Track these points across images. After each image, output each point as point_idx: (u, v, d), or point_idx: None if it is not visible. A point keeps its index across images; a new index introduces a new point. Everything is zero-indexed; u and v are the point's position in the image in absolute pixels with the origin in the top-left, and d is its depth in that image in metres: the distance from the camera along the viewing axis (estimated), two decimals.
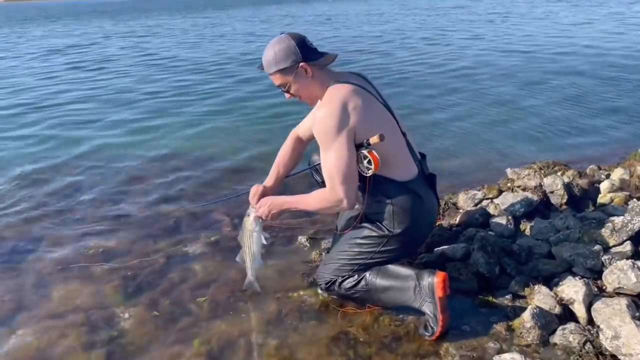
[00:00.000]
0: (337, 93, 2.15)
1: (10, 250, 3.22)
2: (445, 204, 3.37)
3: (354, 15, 25.53)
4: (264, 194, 2.53)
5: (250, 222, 2.42)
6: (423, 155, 2.49)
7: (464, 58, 10.25)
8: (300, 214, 3.48)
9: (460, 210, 3.26)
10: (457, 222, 3.10)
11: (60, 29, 25.16)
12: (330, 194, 2.17)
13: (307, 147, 2.74)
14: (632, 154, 4.10)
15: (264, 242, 2.48)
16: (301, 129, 2.66)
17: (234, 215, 3.53)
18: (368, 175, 2.18)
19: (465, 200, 3.31)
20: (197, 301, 2.61)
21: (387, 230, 2.28)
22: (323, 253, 2.94)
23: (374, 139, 2.10)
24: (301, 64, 2.16)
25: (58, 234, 3.40)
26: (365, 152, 2.13)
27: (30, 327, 2.47)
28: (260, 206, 2.39)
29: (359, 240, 2.36)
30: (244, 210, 2.53)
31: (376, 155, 2.12)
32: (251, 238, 2.43)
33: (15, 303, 2.66)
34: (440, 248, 2.76)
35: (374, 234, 2.31)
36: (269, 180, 2.65)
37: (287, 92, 2.26)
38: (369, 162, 2.14)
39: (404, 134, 2.36)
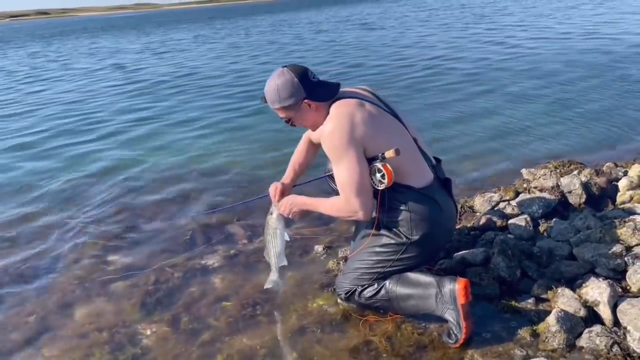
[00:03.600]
0: (342, 108, 2.18)
1: (31, 268, 3.25)
2: (461, 207, 3.34)
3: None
4: (283, 191, 2.58)
5: (273, 219, 2.45)
6: (438, 160, 2.48)
7: (475, 59, 10.21)
8: (316, 223, 3.49)
9: (477, 214, 3.23)
10: (474, 225, 3.08)
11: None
12: (345, 205, 2.20)
13: (319, 148, 2.74)
14: None
15: (287, 238, 2.50)
16: (313, 135, 2.67)
17: (248, 227, 3.55)
18: (380, 188, 2.18)
19: (481, 204, 3.28)
20: (222, 307, 2.65)
21: (406, 237, 2.27)
22: (340, 262, 2.93)
23: (389, 153, 2.11)
24: (305, 100, 2.22)
25: (77, 250, 3.43)
26: (379, 165, 2.14)
27: (55, 347, 2.49)
28: (282, 204, 2.43)
29: (377, 249, 2.35)
30: (265, 212, 2.58)
31: (390, 169, 2.12)
32: (275, 235, 2.46)
33: (40, 323, 2.68)
34: (460, 253, 2.74)
35: (392, 241, 2.30)
36: (286, 178, 2.69)
37: (291, 124, 2.34)
38: (383, 175, 2.14)
39: (415, 140, 2.35)
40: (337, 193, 2.82)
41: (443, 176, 2.43)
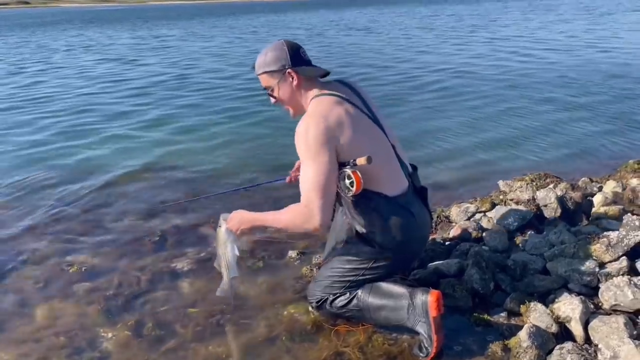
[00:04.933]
0: (319, 106, 2.13)
1: None
2: (437, 217, 3.32)
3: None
4: None
5: (222, 233, 2.36)
6: (414, 167, 2.44)
7: (454, 70, 10.29)
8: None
9: (453, 224, 3.21)
10: (450, 236, 3.05)
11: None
12: (305, 209, 2.04)
13: None
14: (623, 165, 4.09)
15: (237, 253, 2.37)
16: None
17: None
18: (348, 196, 2.11)
19: (458, 214, 3.26)
20: (188, 313, 2.56)
21: (378, 246, 2.22)
22: (314, 269, 2.87)
23: (361, 160, 2.03)
24: (288, 70, 2.18)
25: (39, 250, 3.29)
26: (349, 171, 2.06)
27: (9, 351, 2.35)
28: (231, 219, 2.30)
29: (349, 257, 2.30)
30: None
31: (360, 176, 2.05)
32: (225, 247, 2.37)
33: None
34: (434, 263, 2.71)
35: (365, 249, 2.25)
36: None
37: (272, 95, 2.26)
38: (352, 183, 2.06)
39: (393, 146, 2.31)
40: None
41: (419, 184, 2.39)
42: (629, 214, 2.73)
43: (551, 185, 3.56)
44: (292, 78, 2.19)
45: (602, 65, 9.82)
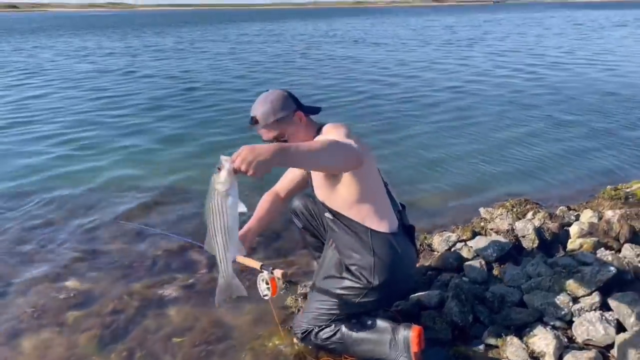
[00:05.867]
0: (340, 126, 2.22)
1: None
2: (420, 245, 3.41)
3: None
4: (246, 239, 2.47)
5: (223, 179, 1.55)
6: (403, 206, 2.53)
7: (434, 92, 10.45)
8: (276, 254, 3.51)
9: (435, 253, 3.30)
10: (432, 265, 3.15)
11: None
12: (345, 139, 2.07)
13: (285, 205, 2.77)
14: (601, 192, 4.22)
15: (244, 209, 1.64)
16: (280, 185, 2.71)
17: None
18: (265, 299, 2.49)
19: (439, 243, 3.36)
20: (174, 342, 2.62)
21: (367, 281, 2.29)
22: (299, 299, 2.94)
23: (278, 273, 2.35)
24: (297, 112, 2.23)
25: (29, 276, 3.32)
26: (267, 276, 2.38)
27: None
28: (239, 154, 1.61)
29: (338, 291, 2.36)
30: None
31: (277, 284, 2.39)
32: (224, 205, 1.57)
33: None
34: (416, 295, 2.79)
35: (355, 284, 2.31)
36: (253, 224, 2.57)
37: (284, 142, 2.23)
38: (268, 288, 2.39)
39: (385, 184, 2.40)
40: (302, 232, 2.86)
41: (407, 223, 2.48)
42: (602, 249, 2.85)
43: (530, 214, 3.68)
44: (300, 120, 2.25)
45: (592, 82, 10.08)
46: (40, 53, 20.09)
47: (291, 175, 2.70)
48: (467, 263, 3.05)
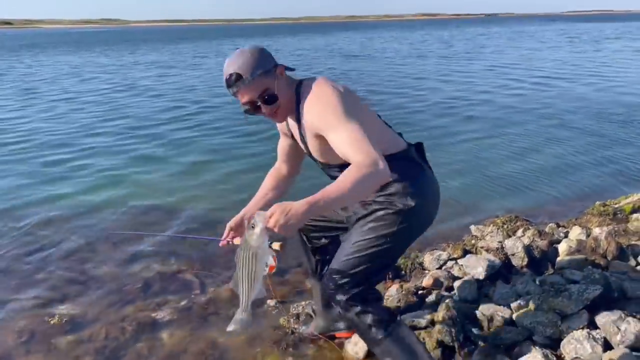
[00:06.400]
0: (319, 82, 1.99)
1: None
2: (411, 263, 3.44)
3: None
4: (243, 223, 2.25)
5: (255, 236, 1.71)
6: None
7: (424, 107, 10.53)
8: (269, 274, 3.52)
9: (426, 272, 3.34)
10: (423, 284, 3.18)
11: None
12: (366, 158, 1.76)
13: (291, 183, 2.52)
14: (590, 207, 4.28)
15: (273, 263, 1.88)
16: (280, 160, 2.47)
17: (204, 277, 3.55)
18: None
19: (430, 261, 3.39)
20: None
21: (402, 204, 2.08)
22: (291, 319, 2.96)
23: (275, 245, 2.02)
24: (278, 66, 2.01)
25: (19, 299, 3.33)
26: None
27: None
28: (272, 214, 1.66)
29: (372, 224, 2.11)
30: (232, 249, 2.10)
31: (275, 258, 1.94)
32: (253, 259, 1.76)
33: None
34: (407, 315, 2.81)
35: (390, 210, 2.09)
36: (254, 204, 2.38)
37: (268, 102, 1.98)
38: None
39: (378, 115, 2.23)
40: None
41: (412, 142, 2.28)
42: (589, 267, 2.89)
43: (520, 231, 3.73)
44: (281, 74, 2.01)
45: (584, 96, 10.23)
46: (37, 71, 20.14)
47: (282, 148, 2.44)
48: (457, 282, 3.08)
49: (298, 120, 2.07)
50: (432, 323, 2.72)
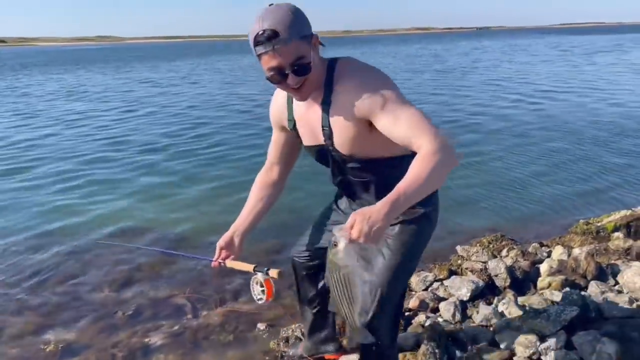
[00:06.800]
0: (362, 63, 1.82)
1: None
2: None
3: None
4: (232, 243, 2.15)
5: (341, 255, 1.55)
6: None
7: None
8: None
9: (413, 293, 3.42)
10: (409, 305, 3.26)
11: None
12: (435, 141, 1.57)
13: (281, 185, 2.25)
14: (574, 226, 4.38)
15: (367, 278, 1.78)
16: (270, 159, 2.20)
17: (196, 300, 3.62)
18: (259, 303, 2.05)
19: (417, 283, 3.48)
20: None
21: (424, 208, 1.96)
22: (281, 342, 3.03)
23: (273, 272, 1.94)
24: (315, 35, 1.74)
25: (11, 325, 3.38)
26: (261, 278, 1.98)
27: None
28: (352, 224, 1.46)
29: (415, 227, 1.96)
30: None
31: (272, 286, 1.96)
32: (346, 280, 1.61)
33: None
34: None
35: (414, 216, 1.94)
36: (243, 219, 2.19)
37: (299, 71, 1.69)
38: (263, 291, 2.02)
39: None
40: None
41: None
42: (567, 288, 2.98)
43: (505, 250, 3.82)
44: (316, 45, 1.75)
45: (575, 112, 10.37)
46: (34, 91, 20.25)
47: (277, 144, 2.15)
48: (442, 303, 3.17)
49: (326, 102, 1.80)
50: (418, 345, 2.80)
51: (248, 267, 2.10)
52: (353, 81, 1.73)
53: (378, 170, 1.91)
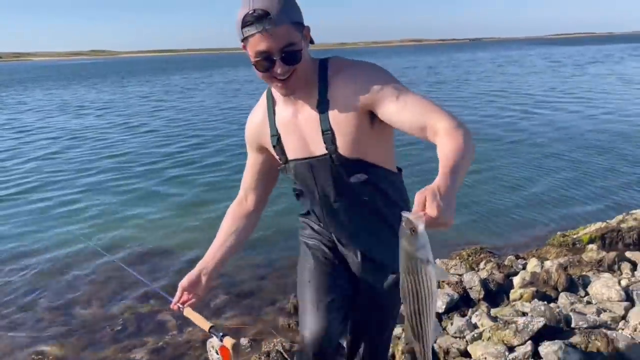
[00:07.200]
0: (354, 60, 1.69)
1: None
2: None
3: None
4: (197, 282, 1.88)
5: (421, 242, 1.14)
6: None
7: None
8: (243, 311, 3.71)
9: None
10: None
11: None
12: (451, 118, 1.47)
13: (256, 217, 1.98)
14: (552, 238, 4.50)
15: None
16: (244, 187, 1.95)
17: (179, 316, 3.70)
18: None
19: None
20: None
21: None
22: (262, 357, 3.11)
23: (228, 341, 1.68)
24: (307, 27, 1.59)
25: (4, 343, 3.47)
26: (216, 345, 1.74)
27: None
28: (422, 203, 1.17)
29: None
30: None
31: (230, 352, 1.68)
32: (425, 276, 1.17)
33: None
34: None
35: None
36: (211, 255, 1.91)
37: (288, 59, 1.52)
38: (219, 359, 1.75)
39: None
40: None
41: None
42: (535, 300, 3.09)
43: (482, 263, 3.94)
44: (307, 38, 1.60)
45: (563, 124, 10.53)
46: (29, 108, 20.32)
47: (253, 168, 1.90)
48: None
49: (323, 103, 1.62)
50: (393, 357, 2.90)
51: (205, 324, 1.82)
52: (352, 70, 1.61)
53: (379, 186, 1.73)
